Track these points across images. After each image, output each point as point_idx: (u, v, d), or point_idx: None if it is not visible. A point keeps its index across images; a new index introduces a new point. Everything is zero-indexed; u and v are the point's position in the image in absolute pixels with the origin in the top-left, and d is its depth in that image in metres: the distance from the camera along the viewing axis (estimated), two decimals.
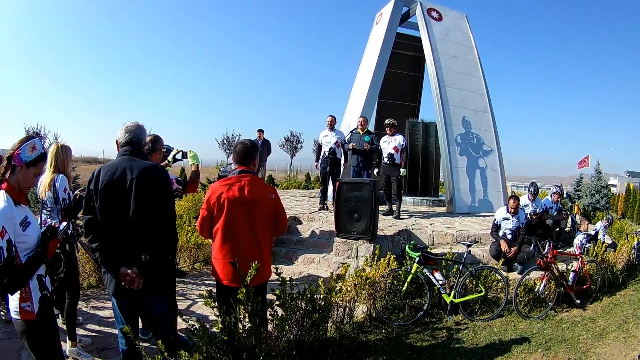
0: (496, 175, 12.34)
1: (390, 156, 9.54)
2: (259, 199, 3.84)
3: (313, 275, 7.06)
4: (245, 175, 3.85)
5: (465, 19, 14.25)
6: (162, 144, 4.78)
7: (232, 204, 3.72)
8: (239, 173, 3.86)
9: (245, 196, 3.75)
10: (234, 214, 3.73)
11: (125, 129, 3.42)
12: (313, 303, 4.24)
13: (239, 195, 3.74)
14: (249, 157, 3.93)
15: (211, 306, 3.33)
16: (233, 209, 3.73)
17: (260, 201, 3.85)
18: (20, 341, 4.65)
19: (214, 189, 3.81)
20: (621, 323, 6.09)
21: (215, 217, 3.78)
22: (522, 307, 6.35)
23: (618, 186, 38.18)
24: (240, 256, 3.61)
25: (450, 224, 9.43)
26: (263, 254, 3.88)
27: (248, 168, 3.92)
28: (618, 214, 20.57)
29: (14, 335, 4.78)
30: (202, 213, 3.84)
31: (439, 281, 6.06)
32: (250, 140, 4.08)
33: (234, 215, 3.73)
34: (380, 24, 13.98)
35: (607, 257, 7.88)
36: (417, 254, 6.14)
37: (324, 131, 10.18)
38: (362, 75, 13.69)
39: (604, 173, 20.65)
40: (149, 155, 4.37)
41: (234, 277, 3.61)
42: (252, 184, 3.83)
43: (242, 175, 3.84)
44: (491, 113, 12.97)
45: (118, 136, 3.43)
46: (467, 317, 6.03)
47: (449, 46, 13.16)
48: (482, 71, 13.46)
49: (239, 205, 3.74)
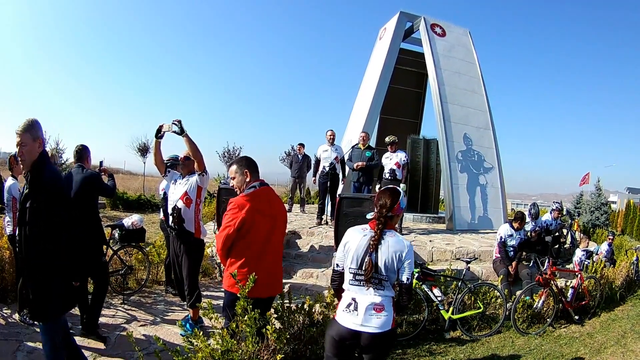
0: (497, 193, 12.33)
1: (392, 172, 9.53)
2: (280, 212, 3.86)
3: (311, 290, 7.04)
4: (267, 187, 3.82)
5: (468, 34, 14.30)
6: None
7: (260, 217, 3.65)
8: (259, 186, 3.76)
9: (271, 209, 3.75)
10: (261, 227, 3.66)
11: None
12: (311, 317, 4.24)
13: (268, 208, 3.72)
14: (257, 169, 3.89)
15: (209, 317, 3.33)
16: (260, 223, 3.65)
17: (281, 213, 3.88)
18: (16, 343, 4.67)
19: (240, 203, 3.63)
20: (619, 338, 6.10)
21: (242, 231, 3.61)
22: (520, 324, 6.34)
23: (618, 203, 38.18)
24: (264, 268, 3.57)
25: (449, 240, 9.41)
26: (276, 269, 3.87)
27: (263, 181, 3.86)
28: (618, 230, 20.56)
29: (11, 336, 4.80)
30: (228, 230, 3.61)
31: (438, 297, 6.04)
32: (246, 156, 4.03)
33: (261, 228, 3.66)
34: (383, 39, 14.06)
35: (606, 274, 7.87)
36: (416, 270, 6.13)
37: (322, 146, 10.20)
38: (365, 90, 13.73)
39: (604, 190, 20.70)
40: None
41: (259, 289, 3.49)
42: (275, 196, 3.85)
43: (265, 187, 3.80)
44: (492, 130, 12.98)
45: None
46: (465, 333, 6.01)
47: (452, 62, 13.20)
48: (484, 88, 13.47)
49: (265, 218, 3.69)
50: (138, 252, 7.20)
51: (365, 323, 2.84)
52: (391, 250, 2.90)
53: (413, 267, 2.94)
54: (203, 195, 5.38)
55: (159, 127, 5.03)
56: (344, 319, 2.93)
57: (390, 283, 2.93)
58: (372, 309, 2.87)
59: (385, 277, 2.90)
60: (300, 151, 12.98)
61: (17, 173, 5.60)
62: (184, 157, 5.34)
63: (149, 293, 6.95)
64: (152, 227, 11.66)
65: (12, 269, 6.09)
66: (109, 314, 5.82)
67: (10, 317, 5.43)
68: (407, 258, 2.92)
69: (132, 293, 6.76)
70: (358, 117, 13.15)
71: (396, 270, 2.93)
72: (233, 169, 3.83)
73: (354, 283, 2.97)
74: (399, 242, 2.96)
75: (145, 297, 6.77)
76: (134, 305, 6.37)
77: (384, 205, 3.08)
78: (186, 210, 5.16)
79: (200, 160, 5.07)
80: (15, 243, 5.46)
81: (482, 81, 13.52)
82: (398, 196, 3.10)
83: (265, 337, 3.65)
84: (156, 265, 7.42)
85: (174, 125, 4.86)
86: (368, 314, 2.86)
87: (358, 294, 2.95)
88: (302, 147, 13.02)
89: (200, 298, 5.17)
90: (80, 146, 5.38)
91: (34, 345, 4.69)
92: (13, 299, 5.92)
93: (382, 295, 2.92)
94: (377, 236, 2.97)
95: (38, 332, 5.03)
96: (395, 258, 2.89)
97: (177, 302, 6.62)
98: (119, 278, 6.79)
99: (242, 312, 3.30)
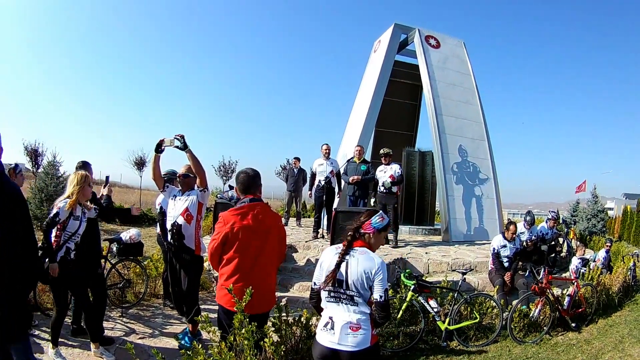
0: (492, 204, 12.40)
1: (386, 185, 9.57)
2: (272, 228, 3.86)
3: (308, 303, 7.05)
4: (257, 203, 3.83)
5: (463, 45, 14.44)
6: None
7: (247, 233, 3.68)
8: (250, 201, 3.82)
9: (260, 225, 3.75)
10: (248, 242, 3.69)
11: None
12: (308, 330, 4.26)
13: (254, 224, 3.72)
14: (255, 185, 3.91)
15: (207, 330, 3.36)
16: (247, 238, 3.68)
17: (272, 229, 3.87)
18: None
19: (226, 218, 3.74)
20: (617, 343, 6.12)
21: (226, 246, 3.71)
22: (517, 333, 6.36)
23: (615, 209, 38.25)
24: (252, 284, 3.55)
25: (445, 252, 9.46)
26: (272, 281, 3.90)
27: (255, 196, 3.89)
28: (615, 236, 20.62)
29: None
30: (214, 243, 3.76)
31: (434, 309, 6.07)
32: (252, 168, 4.02)
33: (248, 244, 3.69)
34: (378, 51, 14.18)
35: (602, 280, 7.91)
36: (412, 282, 6.16)
37: (318, 160, 10.24)
38: (360, 103, 13.83)
39: (600, 197, 20.76)
40: None
41: (256, 304, 3.57)
42: (265, 212, 3.84)
43: (255, 203, 3.81)
44: (488, 141, 13.08)
45: None
46: (461, 343, 6.03)
47: (446, 74, 13.32)
48: (479, 99, 13.59)
49: (254, 234, 3.71)
50: (136, 266, 7.20)
51: (341, 342, 2.85)
52: (360, 267, 2.90)
53: (386, 285, 2.91)
54: (203, 211, 5.37)
55: (159, 142, 4.96)
56: (322, 337, 2.96)
57: (363, 300, 2.92)
58: (348, 327, 2.87)
59: (357, 293, 2.90)
60: (296, 165, 13.03)
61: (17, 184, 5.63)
62: (183, 175, 5.33)
63: (147, 306, 6.95)
64: (150, 240, 11.63)
65: None
66: (108, 326, 5.83)
67: None
68: (378, 275, 2.89)
69: (130, 306, 6.76)
70: (353, 130, 13.23)
71: (367, 287, 2.92)
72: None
73: (329, 300, 2.99)
74: (369, 259, 2.94)
75: (143, 310, 6.78)
76: (133, 318, 6.39)
77: (356, 221, 3.13)
78: (187, 227, 5.15)
79: (203, 176, 5.09)
80: None
81: (477, 92, 13.64)
82: (372, 215, 3.13)
83: (263, 349, 3.68)
84: (154, 279, 7.41)
85: (176, 140, 4.83)
86: (344, 332, 2.86)
87: (334, 312, 2.96)
88: (297, 161, 13.08)
89: (199, 312, 5.18)
90: (80, 163, 5.42)
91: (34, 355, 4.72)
92: None
93: (358, 312, 2.91)
94: (342, 251, 2.99)
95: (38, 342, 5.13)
96: (364, 275, 2.89)
97: (175, 315, 6.63)
98: (117, 291, 6.80)
99: (239, 325, 3.34)
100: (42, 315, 5.94)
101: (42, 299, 6.25)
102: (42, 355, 4.85)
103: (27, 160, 33.27)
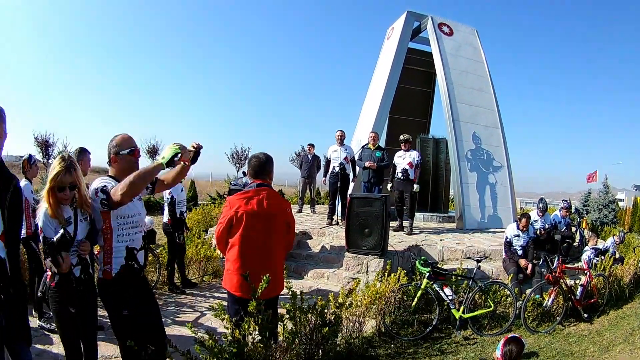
0: (506, 191, 12.31)
1: (405, 171, 9.50)
2: (277, 213, 3.86)
3: (323, 290, 7.07)
4: (263, 188, 3.83)
5: (475, 34, 14.26)
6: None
7: (251, 218, 3.70)
8: (256, 186, 3.83)
9: (264, 210, 3.75)
10: (252, 227, 3.71)
11: None
12: (323, 317, 4.27)
13: (258, 208, 3.73)
14: (265, 170, 3.91)
15: (220, 318, 3.37)
16: (251, 223, 3.70)
17: (278, 215, 3.87)
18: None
19: (232, 202, 3.78)
20: (627, 336, 6.09)
21: (233, 230, 3.74)
22: (530, 322, 6.35)
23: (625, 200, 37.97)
24: (255, 269, 3.58)
25: (460, 239, 9.42)
26: (277, 267, 3.91)
27: (264, 181, 3.89)
28: (625, 228, 20.48)
29: None
30: (220, 227, 3.81)
31: (449, 297, 6.07)
32: (265, 153, 3.99)
33: (252, 228, 3.71)
34: (391, 38, 14.06)
35: (614, 271, 7.87)
36: (427, 269, 6.16)
37: (332, 146, 10.21)
38: (374, 90, 13.75)
39: (611, 187, 20.58)
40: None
41: (248, 289, 3.54)
42: (270, 197, 3.83)
43: (261, 188, 3.82)
44: (501, 129, 12.95)
45: None
46: (475, 332, 6.02)
47: (459, 61, 13.18)
48: (492, 86, 13.43)
49: (257, 219, 3.73)
50: (149, 254, 7.26)
51: None
52: None
53: None
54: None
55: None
56: None
57: None
58: None
59: None
60: (311, 151, 13.04)
61: (30, 176, 5.63)
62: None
63: (160, 295, 7.00)
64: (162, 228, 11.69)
65: (21, 271, 6.15)
66: None
67: None
68: None
69: None
70: (367, 117, 13.17)
71: None
72: None
73: None
74: None
75: (155, 298, 6.82)
76: None
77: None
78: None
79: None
80: (29, 245, 5.52)
81: (490, 80, 13.47)
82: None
83: (277, 337, 3.70)
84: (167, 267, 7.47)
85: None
86: None
87: None
88: (312, 148, 13.09)
89: None
90: (78, 149, 5.39)
91: (43, 347, 4.79)
92: None
93: None
94: None
95: (47, 334, 5.13)
96: None
97: (187, 303, 6.68)
98: None
99: (255, 312, 3.35)
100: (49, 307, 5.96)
101: None
102: (52, 346, 4.85)
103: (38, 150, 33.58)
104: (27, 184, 5.53)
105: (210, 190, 23.32)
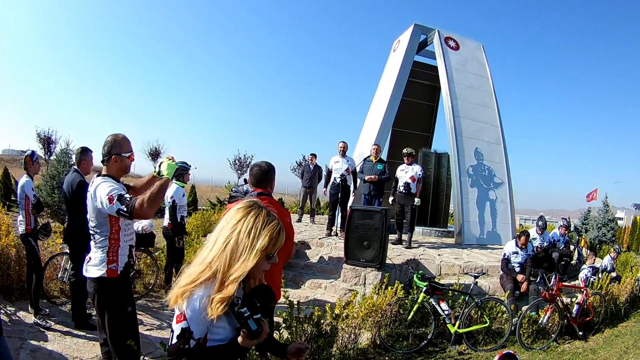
0: (506, 208, 12.33)
1: (407, 185, 9.51)
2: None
3: (319, 300, 7.06)
4: (264, 197, 3.75)
5: (481, 48, 14.31)
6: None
7: None
8: (257, 195, 3.75)
9: None
10: None
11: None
12: (319, 327, 4.27)
13: None
14: (266, 179, 3.89)
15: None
16: None
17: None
18: (19, 341, 4.74)
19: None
20: (621, 354, 6.10)
21: None
22: (525, 339, 6.35)
23: (625, 219, 37.91)
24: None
25: (458, 255, 9.44)
26: (274, 276, 3.91)
27: (265, 190, 3.87)
28: (624, 246, 20.49)
29: (14, 334, 4.87)
30: None
31: (445, 311, 6.07)
32: (267, 162, 3.97)
33: None
34: (397, 51, 14.11)
35: (611, 290, 7.88)
36: (424, 283, 6.16)
37: (334, 157, 10.20)
38: (378, 102, 13.77)
39: (611, 206, 20.59)
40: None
41: None
42: (271, 207, 3.82)
43: (261, 197, 3.70)
44: (503, 145, 12.98)
45: None
46: (470, 347, 6.02)
47: (465, 76, 13.22)
48: (496, 102, 13.47)
49: None
50: (147, 257, 7.25)
51: None
52: None
53: None
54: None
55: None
56: None
57: None
58: None
59: None
60: (312, 161, 12.98)
61: (32, 172, 5.61)
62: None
63: (156, 298, 6.99)
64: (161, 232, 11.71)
65: (18, 267, 6.19)
66: None
67: (14, 315, 5.52)
68: None
69: (139, 297, 6.76)
70: (370, 129, 13.18)
71: None
72: None
73: None
74: None
75: (152, 301, 6.82)
76: (141, 309, 6.36)
77: None
78: None
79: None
80: (27, 242, 5.53)
81: (494, 96, 13.52)
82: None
83: None
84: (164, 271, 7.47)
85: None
86: None
87: None
88: (314, 158, 13.02)
89: None
90: (80, 149, 5.41)
91: (38, 343, 4.79)
92: (18, 297, 6.03)
93: None
94: None
95: (42, 331, 5.13)
96: None
97: None
98: None
99: None
100: (49, 304, 5.97)
101: (49, 286, 6.32)
102: (47, 343, 4.86)
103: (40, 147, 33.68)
104: (29, 180, 5.53)
105: (211, 196, 23.34)
